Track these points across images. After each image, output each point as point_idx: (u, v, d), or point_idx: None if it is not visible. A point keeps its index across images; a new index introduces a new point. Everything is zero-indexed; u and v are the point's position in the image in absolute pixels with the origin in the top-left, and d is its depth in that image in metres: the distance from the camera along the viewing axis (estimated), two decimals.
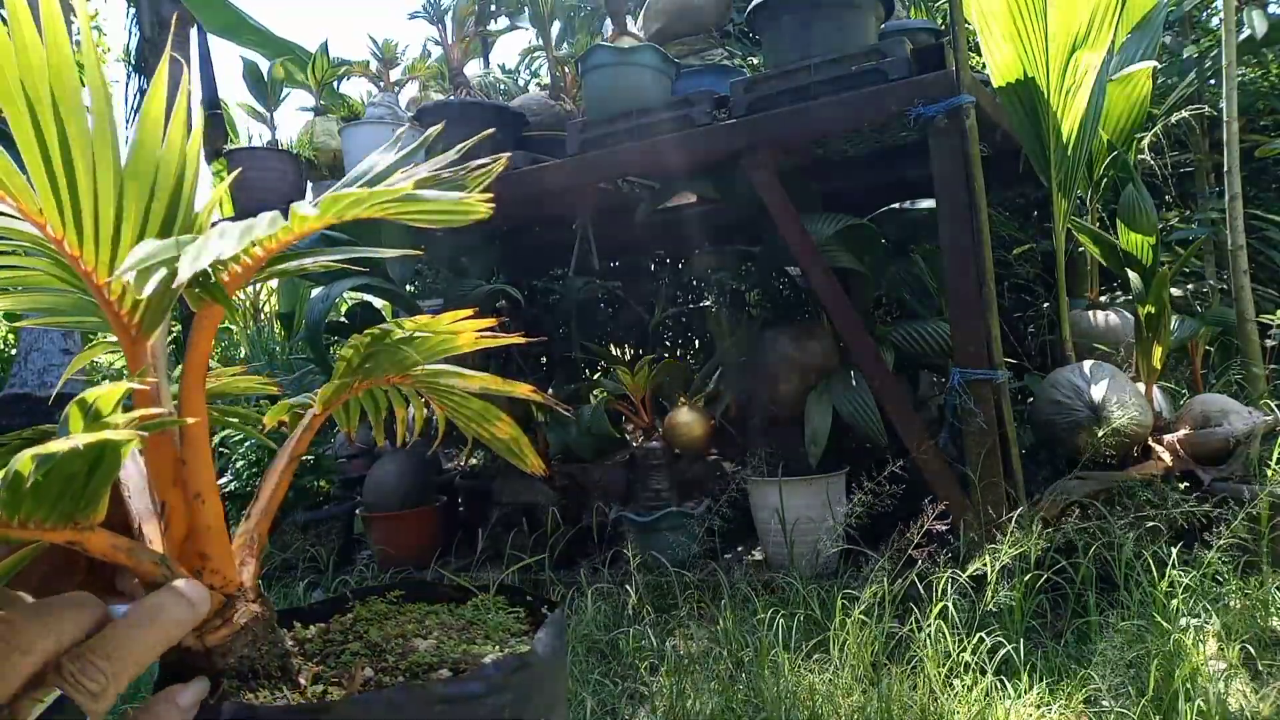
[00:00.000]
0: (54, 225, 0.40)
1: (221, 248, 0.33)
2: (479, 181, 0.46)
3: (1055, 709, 1.87)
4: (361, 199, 0.37)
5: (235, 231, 0.34)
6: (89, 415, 0.33)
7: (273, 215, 0.37)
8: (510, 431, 0.67)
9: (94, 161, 0.38)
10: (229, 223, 0.36)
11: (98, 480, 0.35)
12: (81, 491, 0.35)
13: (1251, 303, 3.19)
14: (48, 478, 0.33)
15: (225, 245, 0.33)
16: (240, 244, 0.33)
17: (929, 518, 2.28)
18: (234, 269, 0.40)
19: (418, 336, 0.55)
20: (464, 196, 0.39)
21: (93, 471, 0.36)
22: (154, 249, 0.33)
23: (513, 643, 0.66)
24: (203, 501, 0.48)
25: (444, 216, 0.40)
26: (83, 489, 0.35)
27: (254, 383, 0.68)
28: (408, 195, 0.37)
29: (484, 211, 0.39)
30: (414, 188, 0.36)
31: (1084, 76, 2.77)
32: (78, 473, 0.34)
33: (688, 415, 3.43)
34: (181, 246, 0.33)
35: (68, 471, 0.33)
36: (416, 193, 0.37)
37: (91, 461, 0.35)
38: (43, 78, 0.37)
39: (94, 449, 0.34)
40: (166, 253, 0.33)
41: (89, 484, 0.35)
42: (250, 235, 0.34)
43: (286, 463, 0.57)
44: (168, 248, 0.33)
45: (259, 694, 0.54)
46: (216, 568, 0.50)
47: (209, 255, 0.32)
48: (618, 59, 3.23)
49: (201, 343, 0.45)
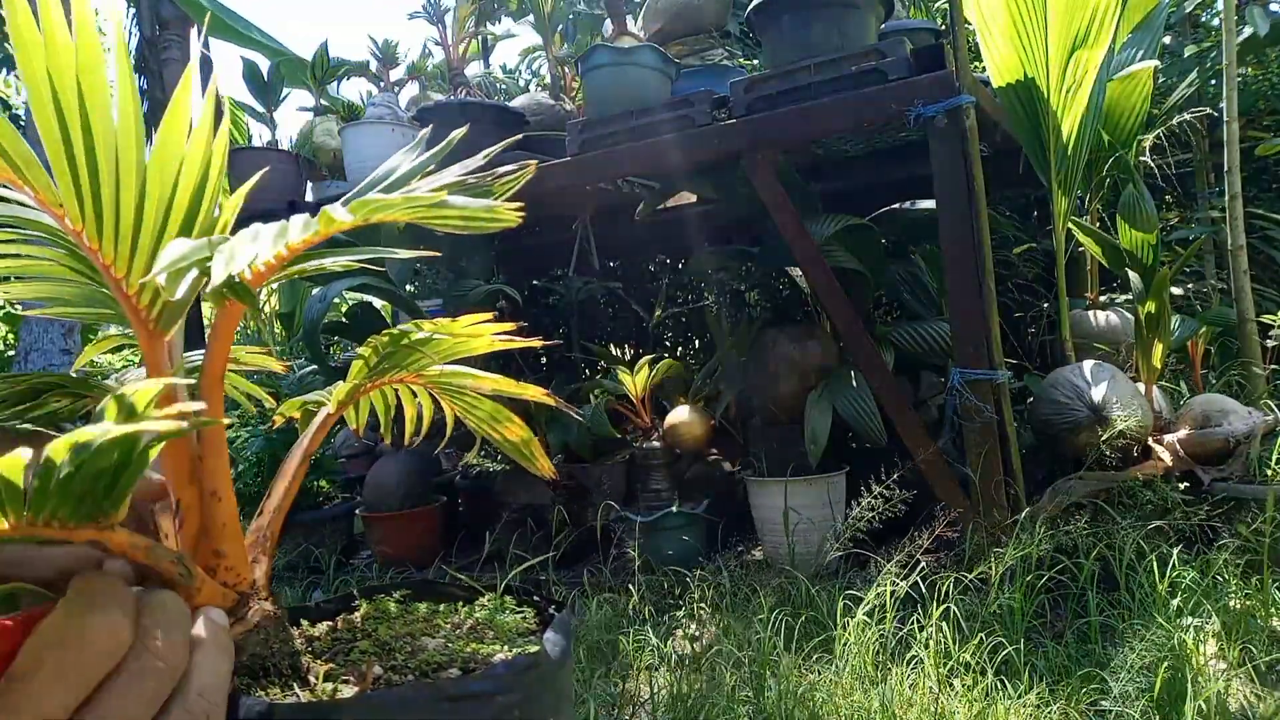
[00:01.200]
0: (73, 217, 0.40)
1: (257, 250, 0.33)
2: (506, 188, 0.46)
3: (1056, 709, 1.87)
4: (394, 203, 0.37)
5: (269, 234, 0.34)
6: (125, 409, 0.33)
7: (304, 219, 0.37)
8: (522, 433, 0.67)
9: (117, 156, 0.38)
10: (263, 225, 0.36)
11: (126, 477, 0.35)
12: (110, 488, 0.35)
13: (1251, 303, 3.19)
14: (78, 472, 0.32)
15: (261, 248, 0.33)
16: (276, 247, 0.33)
17: (939, 523, 2.29)
18: (256, 268, 0.40)
19: (435, 338, 0.55)
20: (493, 204, 0.39)
21: (121, 468, 0.36)
22: (186, 249, 0.33)
23: (521, 642, 0.66)
24: (219, 499, 0.48)
25: (473, 223, 0.40)
26: (110, 485, 0.35)
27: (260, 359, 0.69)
28: (440, 202, 0.37)
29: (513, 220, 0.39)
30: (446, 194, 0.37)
31: (1084, 76, 2.78)
32: (107, 468, 0.34)
33: (688, 415, 3.43)
34: (214, 247, 0.33)
35: (99, 466, 0.33)
36: (448, 199, 0.37)
37: (122, 457, 0.35)
38: (70, 69, 0.37)
39: (126, 444, 0.34)
40: (199, 254, 0.33)
41: (117, 481, 0.35)
42: (285, 238, 0.34)
43: (300, 461, 0.57)
44: (200, 249, 0.33)
45: (270, 691, 0.54)
46: (231, 565, 0.51)
47: (244, 258, 0.32)
48: (618, 59, 3.23)
49: (222, 341, 0.45)
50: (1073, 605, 2.37)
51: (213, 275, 0.32)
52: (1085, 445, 2.66)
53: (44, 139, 0.38)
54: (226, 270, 0.32)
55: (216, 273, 0.32)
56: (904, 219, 3.52)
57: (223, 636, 0.46)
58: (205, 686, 0.43)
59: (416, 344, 0.53)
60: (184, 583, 0.47)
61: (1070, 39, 2.73)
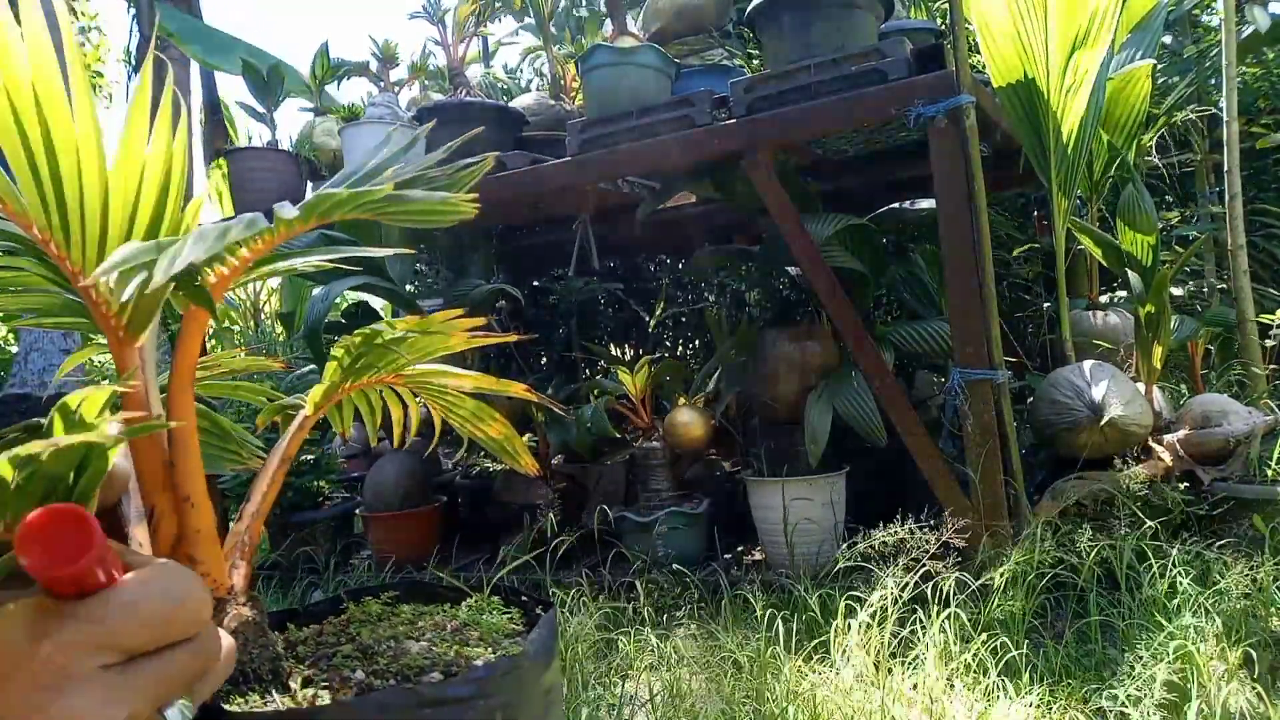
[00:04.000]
0: (40, 226, 0.39)
1: (196, 251, 0.32)
2: (468, 180, 0.46)
3: (1056, 710, 1.87)
4: (344, 200, 0.36)
5: (212, 234, 0.34)
6: (72, 418, 0.32)
7: (251, 217, 0.37)
8: (503, 431, 0.67)
9: (79, 162, 0.38)
10: (209, 225, 0.36)
11: (85, 482, 0.35)
12: (69, 493, 0.35)
13: (1251, 303, 3.18)
14: (30, 480, 0.32)
15: (200, 249, 0.32)
16: (215, 247, 0.33)
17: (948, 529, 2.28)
18: (220, 270, 0.39)
19: (409, 336, 0.54)
20: (449, 196, 0.38)
21: (80, 473, 0.36)
22: (133, 251, 0.32)
23: (506, 644, 0.66)
24: (192, 505, 0.48)
25: (430, 217, 0.40)
26: (69, 491, 0.35)
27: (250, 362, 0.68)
28: (391, 196, 0.36)
29: (469, 211, 0.39)
30: (395, 188, 0.36)
31: (1084, 76, 2.77)
32: (63, 475, 0.34)
33: (688, 415, 3.42)
34: (161, 249, 0.33)
35: (52, 473, 0.33)
36: (401, 193, 0.37)
37: (77, 463, 0.34)
38: (24, 79, 0.36)
39: (78, 451, 0.33)
40: (146, 255, 0.32)
41: (76, 486, 0.35)
42: (227, 238, 0.33)
43: (278, 464, 0.56)
44: (147, 250, 0.33)
45: (249, 697, 0.53)
46: (206, 571, 0.50)
47: (184, 259, 0.32)
48: (618, 59, 3.23)
49: (189, 344, 0.44)
50: (1073, 605, 2.36)
51: (155, 276, 0.32)
52: (1085, 445, 2.65)
53: (5, 149, 0.38)
54: (169, 270, 0.32)
55: (158, 273, 0.32)
56: (904, 219, 3.51)
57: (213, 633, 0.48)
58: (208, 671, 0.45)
59: (390, 343, 0.52)
60: None
61: (1071, 39, 2.73)
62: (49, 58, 0.37)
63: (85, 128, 0.38)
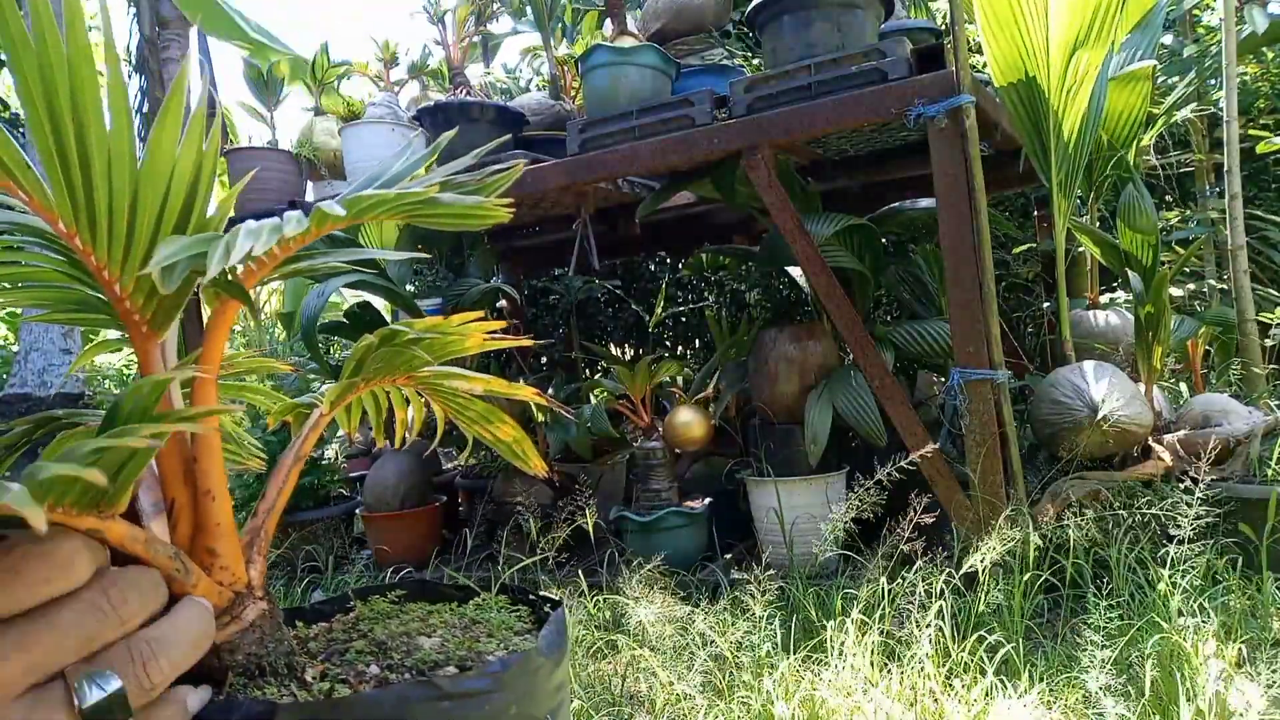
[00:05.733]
0: (66, 221, 0.40)
1: (252, 245, 0.33)
2: (499, 185, 0.46)
3: (1056, 710, 1.87)
4: (385, 200, 0.37)
5: (265, 229, 0.34)
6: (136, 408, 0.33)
7: (298, 215, 0.37)
8: (513, 433, 0.67)
9: (110, 159, 0.38)
10: (254, 221, 0.36)
11: (128, 471, 0.35)
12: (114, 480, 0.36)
13: (1251, 303, 3.19)
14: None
15: (256, 243, 0.33)
16: (270, 242, 0.33)
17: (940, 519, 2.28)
18: (249, 267, 0.40)
19: (427, 338, 0.55)
20: (482, 201, 0.39)
21: (125, 463, 0.36)
22: (181, 245, 0.33)
23: (516, 641, 0.66)
24: (213, 499, 0.48)
25: (462, 220, 0.40)
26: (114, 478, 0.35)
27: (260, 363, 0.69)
28: (429, 199, 0.37)
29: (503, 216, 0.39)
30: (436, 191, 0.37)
31: (1085, 76, 2.77)
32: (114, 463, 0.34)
33: (688, 415, 3.43)
34: (209, 242, 0.33)
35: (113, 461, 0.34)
36: (437, 196, 0.37)
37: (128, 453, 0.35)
38: (62, 73, 0.37)
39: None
40: (194, 249, 0.33)
41: (120, 474, 0.35)
42: (279, 233, 0.34)
43: (294, 461, 0.57)
44: (195, 244, 0.33)
45: (266, 691, 0.54)
46: (225, 564, 0.51)
47: (239, 253, 0.32)
48: (618, 59, 3.23)
49: (217, 340, 0.45)
50: (1071, 605, 2.37)
51: (209, 268, 0.32)
52: (1085, 445, 2.66)
53: (36, 142, 0.38)
54: (222, 264, 0.32)
55: (212, 267, 0.32)
56: (904, 218, 3.52)
57: (198, 615, 0.47)
58: (160, 638, 0.44)
59: (409, 343, 0.53)
60: (180, 578, 0.47)
61: (1071, 38, 2.73)
62: (86, 49, 0.37)
63: (119, 124, 0.38)
